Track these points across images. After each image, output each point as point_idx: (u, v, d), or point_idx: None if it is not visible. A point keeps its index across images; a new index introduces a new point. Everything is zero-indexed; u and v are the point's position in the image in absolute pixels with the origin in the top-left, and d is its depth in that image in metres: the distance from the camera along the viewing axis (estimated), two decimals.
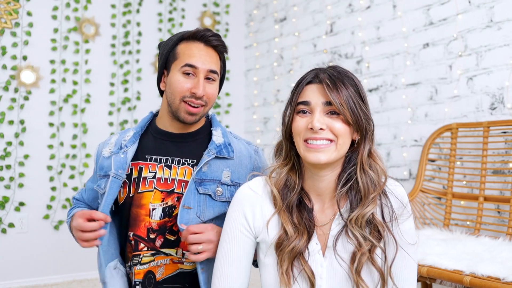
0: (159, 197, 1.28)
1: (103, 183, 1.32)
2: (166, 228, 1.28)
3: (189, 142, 1.34)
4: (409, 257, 1.04)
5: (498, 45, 2.09)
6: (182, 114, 1.28)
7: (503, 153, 2.03)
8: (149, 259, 1.27)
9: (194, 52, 1.27)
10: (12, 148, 2.79)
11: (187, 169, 1.30)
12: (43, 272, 2.86)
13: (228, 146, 1.32)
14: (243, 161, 1.33)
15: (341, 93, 1.00)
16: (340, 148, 1.03)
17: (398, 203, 1.05)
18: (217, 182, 1.27)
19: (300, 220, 1.05)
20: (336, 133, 1.02)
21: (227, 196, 1.28)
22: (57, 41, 2.97)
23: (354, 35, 2.82)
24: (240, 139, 1.41)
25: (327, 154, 1.01)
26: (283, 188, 1.09)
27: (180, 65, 1.27)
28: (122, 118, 3.20)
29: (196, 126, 1.36)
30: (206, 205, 1.26)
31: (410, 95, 2.48)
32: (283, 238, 1.04)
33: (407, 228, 1.05)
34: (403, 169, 2.48)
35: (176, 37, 1.32)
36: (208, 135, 1.37)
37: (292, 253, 1.02)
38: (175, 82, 1.27)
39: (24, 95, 2.84)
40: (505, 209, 1.98)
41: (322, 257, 1.05)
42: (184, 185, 1.28)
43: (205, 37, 1.29)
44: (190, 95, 1.26)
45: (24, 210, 2.82)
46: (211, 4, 3.64)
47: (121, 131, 1.43)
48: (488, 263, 1.47)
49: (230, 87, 3.70)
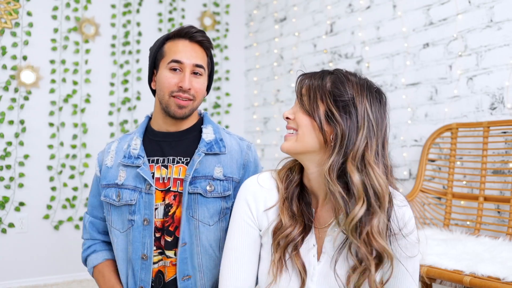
0: (160, 197, 1.30)
1: (110, 192, 1.33)
2: (165, 228, 1.29)
3: (182, 140, 1.37)
4: (407, 271, 1.02)
5: (498, 45, 2.09)
6: (172, 108, 1.30)
7: (503, 153, 2.03)
8: (158, 258, 1.29)
9: (179, 48, 1.32)
10: (12, 148, 2.79)
11: (181, 167, 1.32)
12: (43, 272, 2.86)
13: (219, 141, 1.35)
14: (234, 156, 1.36)
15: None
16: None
17: (397, 223, 1.02)
18: (209, 179, 1.29)
19: (298, 210, 1.05)
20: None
21: (220, 191, 1.30)
22: (57, 41, 2.97)
23: (354, 35, 2.82)
24: (232, 135, 1.43)
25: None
26: (286, 179, 1.10)
27: (166, 62, 1.31)
28: (122, 118, 3.20)
29: (188, 124, 1.39)
30: (198, 204, 1.28)
31: (410, 95, 2.48)
32: (279, 226, 1.05)
33: (406, 243, 1.02)
34: (403, 169, 2.48)
35: (162, 38, 1.36)
36: (200, 132, 1.39)
37: (285, 241, 1.02)
38: (163, 78, 1.31)
39: (24, 95, 2.84)
40: (505, 209, 1.98)
41: (317, 261, 1.04)
42: (179, 183, 1.30)
43: (189, 33, 1.33)
44: (177, 90, 1.30)
45: (24, 210, 2.82)
46: (211, 4, 3.64)
47: (118, 138, 1.45)
48: (488, 263, 1.47)
49: (230, 87, 3.70)
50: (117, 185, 1.33)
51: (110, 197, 1.33)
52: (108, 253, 1.41)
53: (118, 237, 1.32)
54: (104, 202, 1.36)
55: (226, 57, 3.68)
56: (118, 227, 1.33)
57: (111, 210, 1.34)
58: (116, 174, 1.34)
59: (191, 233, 1.27)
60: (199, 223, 1.28)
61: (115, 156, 1.37)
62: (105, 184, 1.36)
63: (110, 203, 1.33)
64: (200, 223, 1.28)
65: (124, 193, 1.31)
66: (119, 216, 1.32)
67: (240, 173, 1.35)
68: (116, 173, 1.34)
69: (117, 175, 1.34)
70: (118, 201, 1.31)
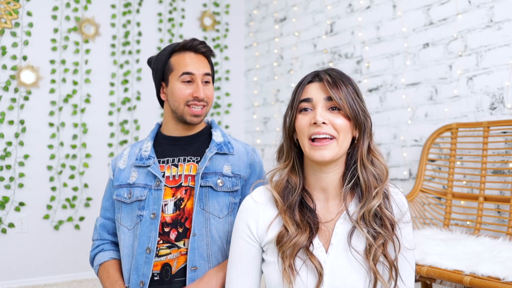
0: (169, 193, 1.39)
1: (122, 191, 1.43)
2: (178, 221, 1.37)
3: (192, 143, 1.48)
4: (407, 261, 1.09)
5: (498, 45, 2.09)
6: (188, 117, 1.43)
7: (503, 153, 2.03)
8: (166, 251, 1.36)
9: (187, 61, 1.44)
10: (12, 148, 2.79)
11: (192, 165, 1.43)
12: (43, 272, 2.86)
13: (228, 144, 1.48)
14: (242, 157, 1.48)
15: (340, 89, 1.07)
16: (342, 144, 1.08)
17: (397, 210, 1.10)
18: (218, 174, 1.40)
19: (302, 219, 1.08)
20: (338, 128, 1.06)
21: (229, 186, 1.41)
22: (57, 41, 2.97)
23: (354, 35, 2.82)
24: (237, 141, 1.55)
25: (330, 150, 1.06)
26: (284, 189, 1.13)
27: (178, 75, 1.43)
28: (122, 118, 3.20)
29: (198, 129, 1.51)
30: (208, 197, 1.38)
31: (410, 95, 2.48)
32: (283, 233, 1.07)
33: (405, 233, 1.10)
34: (403, 169, 2.48)
35: (166, 52, 1.47)
36: (209, 136, 1.51)
37: (294, 248, 1.05)
38: (177, 90, 1.43)
39: (24, 95, 2.84)
40: (505, 209, 1.98)
41: (325, 254, 1.07)
42: (190, 178, 1.40)
43: (193, 46, 1.46)
44: (192, 99, 1.42)
45: (24, 210, 2.82)
46: (211, 4, 3.64)
47: (131, 144, 1.57)
48: (488, 263, 1.47)
49: (230, 87, 3.70)
50: (129, 185, 1.43)
51: (122, 195, 1.43)
52: (115, 253, 1.47)
53: (126, 234, 1.40)
54: (116, 200, 1.45)
55: (226, 57, 3.68)
56: (127, 224, 1.41)
57: (122, 207, 1.43)
58: (128, 175, 1.45)
59: (201, 225, 1.35)
60: (210, 215, 1.37)
61: (128, 159, 1.49)
62: (118, 185, 1.46)
63: (121, 201, 1.43)
64: (210, 215, 1.37)
65: (135, 191, 1.40)
66: (129, 213, 1.41)
67: (247, 171, 1.46)
68: (129, 174, 1.45)
69: (129, 176, 1.44)
70: (129, 198, 1.41)
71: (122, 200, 1.42)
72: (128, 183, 1.43)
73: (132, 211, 1.40)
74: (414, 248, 1.11)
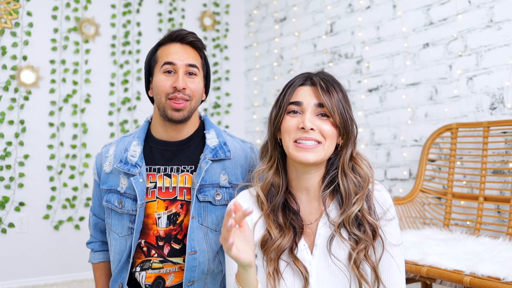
0: (162, 206, 1.31)
1: (112, 198, 1.35)
2: (171, 236, 1.30)
3: (185, 148, 1.36)
4: (392, 258, 1.07)
5: (498, 45, 2.09)
6: (169, 111, 1.29)
7: (503, 153, 2.03)
8: (159, 265, 1.30)
9: (171, 51, 1.32)
10: (12, 148, 2.79)
11: (186, 176, 1.33)
12: (43, 272, 2.86)
13: (223, 146, 1.35)
14: (239, 162, 1.36)
15: (332, 96, 1.05)
16: (327, 149, 1.07)
17: (379, 208, 1.09)
18: (215, 187, 1.31)
19: (285, 221, 1.08)
20: (325, 135, 1.06)
21: (226, 198, 1.32)
22: (57, 41, 2.97)
23: (354, 35, 2.82)
24: (234, 137, 1.44)
25: (315, 154, 1.05)
26: (269, 192, 1.12)
27: (160, 65, 1.31)
28: (122, 118, 3.20)
29: (190, 130, 1.37)
30: (207, 212, 1.30)
31: (410, 95, 2.48)
32: (267, 237, 1.07)
33: (390, 230, 1.08)
34: (403, 169, 2.48)
35: (155, 45, 1.38)
36: (203, 138, 1.38)
37: (277, 251, 1.05)
38: (158, 82, 1.31)
39: (24, 95, 2.84)
40: (505, 209, 1.98)
41: (310, 255, 1.07)
42: (186, 191, 1.31)
43: (180, 36, 1.33)
44: (173, 91, 1.28)
45: (24, 210, 2.82)
46: (211, 4, 3.64)
47: (116, 141, 1.43)
48: (488, 263, 1.47)
49: (230, 87, 3.70)
50: (119, 193, 1.33)
51: (112, 203, 1.34)
52: (104, 255, 1.48)
53: (117, 241, 1.34)
54: (106, 207, 1.38)
55: (226, 57, 3.68)
56: (118, 231, 1.34)
57: (112, 214, 1.36)
58: (117, 180, 1.34)
59: (201, 241, 1.29)
60: (208, 230, 1.30)
61: (113, 161, 1.36)
62: (107, 189, 1.37)
63: (112, 209, 1.35)
64: (208, 230, 1.30)
65: (126, 202, 1.32)
66: (120, 221, 1.34)
67: (246, 178, 1.36)
68: (117, 179, 1.34)
69: (118, 182, 1.34)
70: (120, 208, 1.33)
71: (113, 209, 1.34)
72: (117, 190, 1.34)
73: (123, 220, 1.33)
74: (402, 243, 1.10)
